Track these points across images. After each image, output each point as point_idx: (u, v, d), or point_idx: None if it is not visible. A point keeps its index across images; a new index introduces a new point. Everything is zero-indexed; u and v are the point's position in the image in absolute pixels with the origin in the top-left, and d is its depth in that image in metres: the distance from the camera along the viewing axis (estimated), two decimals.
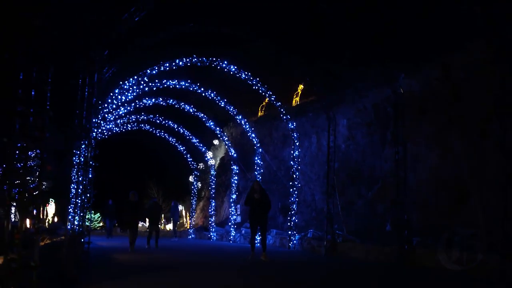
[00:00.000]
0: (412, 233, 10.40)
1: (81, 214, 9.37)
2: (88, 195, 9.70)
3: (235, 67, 14.59)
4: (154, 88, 15.45)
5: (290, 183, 15.98)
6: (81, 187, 9.22)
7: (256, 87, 15.21)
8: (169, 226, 30.51)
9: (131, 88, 14.19)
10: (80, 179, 9.25)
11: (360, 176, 16.10)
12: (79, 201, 9.31)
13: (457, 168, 11.85)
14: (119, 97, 14.06)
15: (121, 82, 13.52)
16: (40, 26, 4.69)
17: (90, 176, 9.68)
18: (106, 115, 14.83)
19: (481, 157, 11.05)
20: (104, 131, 18.39)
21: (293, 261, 11.54)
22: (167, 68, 13.76)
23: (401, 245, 10.09)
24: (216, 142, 29.90)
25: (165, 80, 15.53)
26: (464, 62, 12.03)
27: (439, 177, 12.48)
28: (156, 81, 15.24)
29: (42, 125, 4.92)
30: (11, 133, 4.64)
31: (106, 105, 13.37)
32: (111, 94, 13.55)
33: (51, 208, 29.53)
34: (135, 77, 13.66)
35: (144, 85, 14.58)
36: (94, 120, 9.86)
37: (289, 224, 15.42)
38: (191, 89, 16.35)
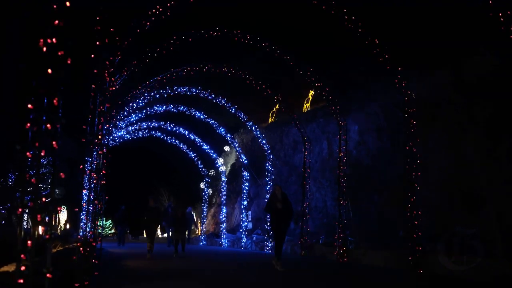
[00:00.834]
0: (424, 238, 10.28)
1: (93, 220, 9.41)
2: (100, 201, 9.74)
3: (246, 72, 14.62)
4: (165, 95, 15.52)
5: (302, 189, 15.90)
6: (92, 193, 9.26)
7: (267, 93, 15.21)
8: None
9: (142, 95, 14.27)
10: (92, 186, 9.29)
11: (371, 182, 15.99)
12: (91, 208, 9.36)
13: (469, 173, 11.73)
14: (131, 104, 14.15)
15: (132, 89, 13.60)
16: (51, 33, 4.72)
17: (102, 182, 9.73)
18: (118, 122, 14.92)
19: (494, 162, 10.92)
20: (116, 138, 18.50)
21: (302, 266, 11.47)
22: (180, 75, 13.81)
23: (413, 251, 9.99)
24: (227, 148, 29.94)
25: (176, 87, 15.60)
26: (476, 67, 11.94)
27: (450, 182, 12.36)
28: (167, 87, 15.30)
29: (55, 132, 4.95)
30: (23, 141, 4.67)
31: (117, 112, 13.46)
32: (123, 101, 13.63)
33: (63, 215, 29.78)
34: (146, 84, 13.75)
35: (155, 91, 14.65)
36: (105, 127, 9.92)
37: (300, 230, 15.33)
38: (202, 95, 16.41)
